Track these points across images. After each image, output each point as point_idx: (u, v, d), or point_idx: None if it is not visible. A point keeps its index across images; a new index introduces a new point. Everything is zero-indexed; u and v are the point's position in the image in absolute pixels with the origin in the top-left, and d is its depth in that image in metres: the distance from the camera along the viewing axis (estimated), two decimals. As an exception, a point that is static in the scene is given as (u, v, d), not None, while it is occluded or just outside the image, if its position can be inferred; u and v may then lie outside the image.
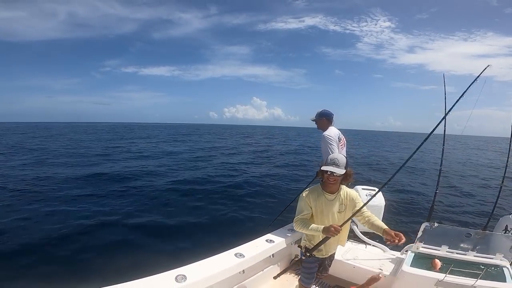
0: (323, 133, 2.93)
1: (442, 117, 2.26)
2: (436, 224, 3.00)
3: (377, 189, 4.00)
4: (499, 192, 4.05)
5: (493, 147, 41.71)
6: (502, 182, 4.08)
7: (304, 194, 2.09)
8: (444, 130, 4.31)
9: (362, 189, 3.94)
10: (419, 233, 2.63)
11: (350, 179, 2.07)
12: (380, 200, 3.35)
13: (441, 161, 4.14)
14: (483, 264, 2.31)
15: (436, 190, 3.71)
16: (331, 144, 2.84)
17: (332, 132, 2.94)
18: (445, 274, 2.08)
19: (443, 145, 4.33)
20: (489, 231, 3.30)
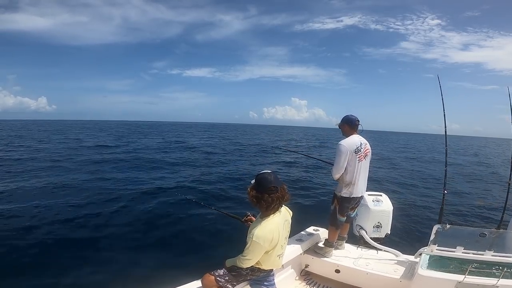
0: (339, 142, 2.80)
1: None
2: (448, 226, 2.93)
3: (383, 194, 3.96)
4: (508, 189, 3.99)
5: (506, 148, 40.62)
6: (510, 179, 4.04)
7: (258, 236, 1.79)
8: (445, 131, 4.31)
9: (368, 195, 3.87)
10: (431, 235, 2.57)
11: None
12: (387, 205, 3.31)
13: (446, 162, 4.10)
14: (502, 263, 2.24)
15: (444, 191, 3.65)
16: (338, 156, 2.72)
17: (349, 142, 2.78)
18: (464, 275, 2.00)
19: (446, 145, 4.31)
20: (503, 229, 3.22)
